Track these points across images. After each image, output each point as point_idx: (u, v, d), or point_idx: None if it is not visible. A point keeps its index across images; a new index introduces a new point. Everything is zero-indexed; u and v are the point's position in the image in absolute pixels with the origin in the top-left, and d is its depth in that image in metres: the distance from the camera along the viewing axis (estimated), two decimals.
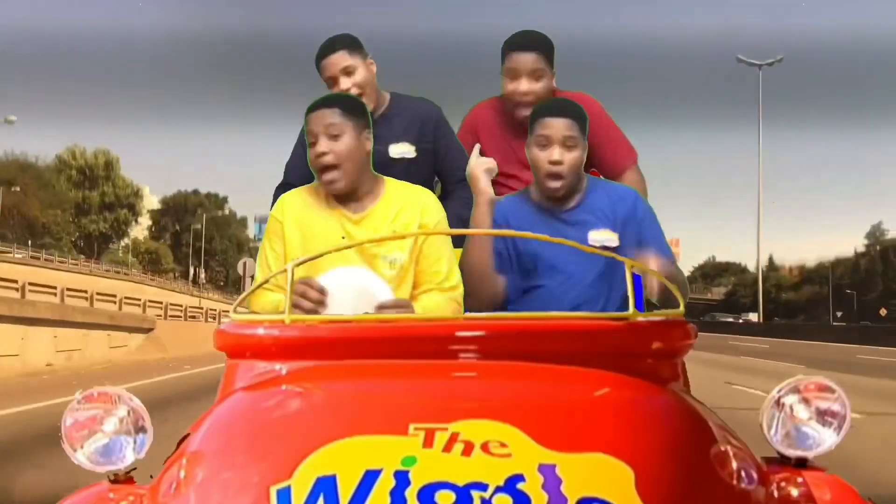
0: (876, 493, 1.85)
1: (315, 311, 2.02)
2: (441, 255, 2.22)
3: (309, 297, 2.02)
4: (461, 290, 2.23)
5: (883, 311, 55.36)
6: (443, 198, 2.65)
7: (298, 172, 2.80)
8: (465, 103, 3.09)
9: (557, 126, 2.26)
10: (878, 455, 6.20)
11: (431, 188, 2.72)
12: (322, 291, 2.03)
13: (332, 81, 2.72)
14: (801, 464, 1.62)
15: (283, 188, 2.77)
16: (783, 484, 1.56)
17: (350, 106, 2.22)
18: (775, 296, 79.30)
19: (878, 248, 66.49)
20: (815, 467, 1.62)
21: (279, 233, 2.24)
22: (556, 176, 2.26)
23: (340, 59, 2.72)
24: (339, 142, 2.16)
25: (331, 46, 2.74)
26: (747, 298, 78.51)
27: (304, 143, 2.83)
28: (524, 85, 2.74)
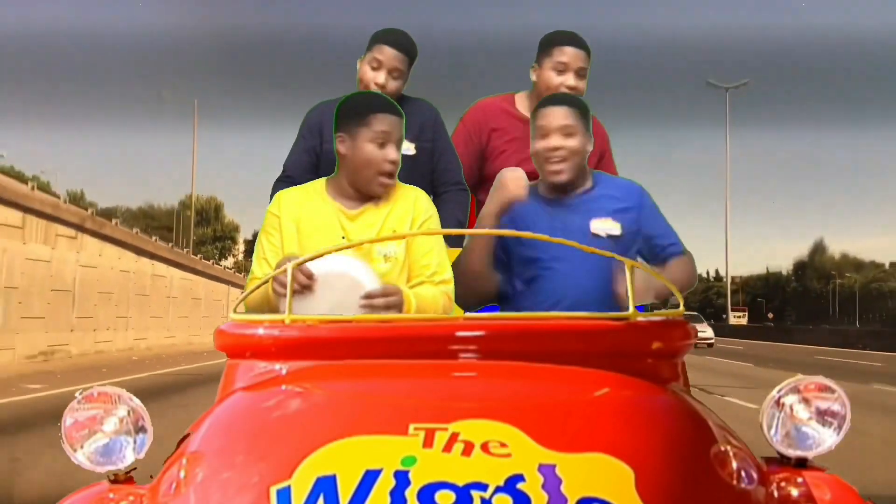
0: (876, 493, 1.85)
1: (301, 295, 2.01)
2: (430, 249, 2.23)
3: (297, 280, 2.00)
4: (452, 285, 2.24)
5: (770, 315, 69.63)
6: (435, 201, 2.65)
7: (299, 167, 2.80)
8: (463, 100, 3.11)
9: (555, 115, 2.28)
10: None
11: (427, 186, 2.72)
12: (310, 276, 2.03)
13: (376, 65, 2.72)
14: (801, 464, 1.62)
15: (282, 181, 2.77)
16: (783, 484, 1.56)
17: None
18: (715, 302, 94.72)
19: (791, 264, 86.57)
20: (815, 467, 1.62)
21: (276, 227, 2.25)
22: (558, 161, 2.27)
23: (399, 60, 2.73)
24: (400, 152, 2.23)
25: (401, 43, 2.74)
26: (695, 304, 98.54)
27: (305, 138, 2.84)
28: (571, 80, 2.76)
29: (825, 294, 73.41)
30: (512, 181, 2.27)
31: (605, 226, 2.26)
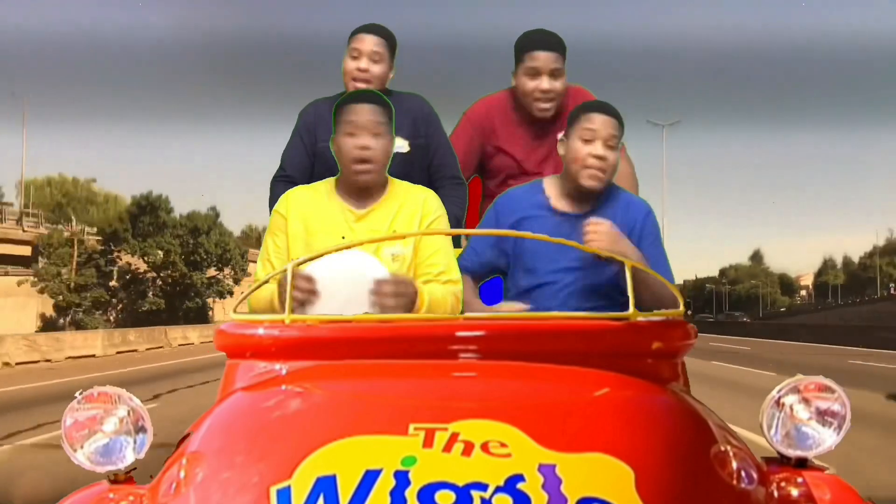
0: (876, 493, 1.85)
1: (308, 301, 2.01)
2: (438, 249, 2.21)
3: (299, 288, 2.00)
4: (461, 285, 2.22)
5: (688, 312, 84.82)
6: None
7: (296, 164, 2.79)
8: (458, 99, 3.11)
9: (605, 123, 2.26)
10: None
11: (424, 182, 2.71)
12: (309, 280, 2.02)
13: (356, 54, 2.74)
14: (801, 464, 1.62)
15: (280, 179, 2.76)
16: (783, 484, 1.56)
17: (388, 107, 2.26)
18: None
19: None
20: (815, 467, 1.62)
21: (283, 228, 2.24)
22: (598, 170, 2.26)
23: (377, 43, 2.74)
24: (379, 140, 2.21)
25: (374, 29, 2.77)
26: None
27: (302, 135, 2.83)
28: (545, 83, 2.75)
29: (723, 296, 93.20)
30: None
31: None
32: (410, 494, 1.22)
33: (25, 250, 41.70)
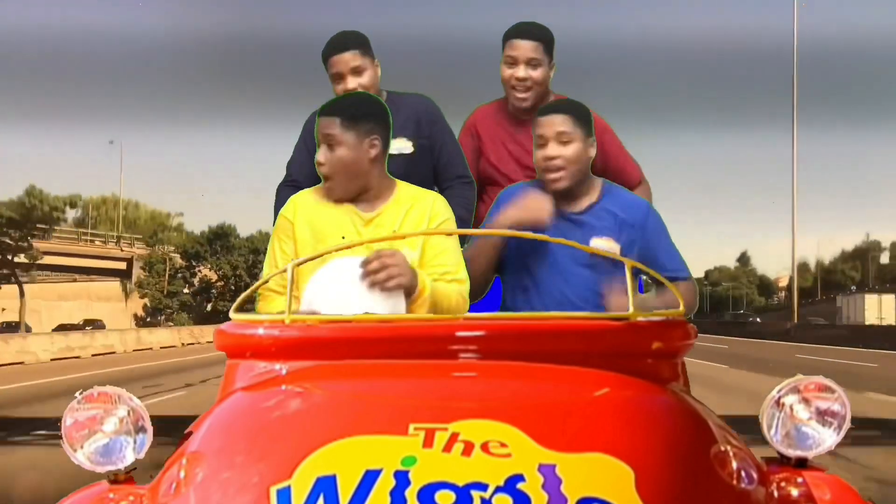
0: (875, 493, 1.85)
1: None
2: (445, 250, 2.19)
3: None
4: (468, 285, 2.20)
5: None
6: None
7: (302, 170, 2.79)
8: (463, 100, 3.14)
9: (550, 123, 2.27)
10: None
11: (430, 183, 2.70)
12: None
13: (339, 78, 2.71)
14: (801, 464, 1.62)
15: (287, 186, 2.75)
16: (783, 484, 1.56)
17: (352, 114, 2.18)
18: None
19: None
20: (815, 467, 1.62)
21: (289, 232, 2.22)
22: (555, 170, 2.25)
23: (351, 58, 2.71)
24: (336, 151, 2.15)
25: (342, 44, 2.73)
26: None
27: (307, 141, 2.82)
28: (521, 71, 2.78)
29: (704, 297, 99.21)
30: (536, 208, 2.24)
31: (603, 245, 2.22)
32: (410, 494, 1.22)
33: (121, 265, 56.01)
